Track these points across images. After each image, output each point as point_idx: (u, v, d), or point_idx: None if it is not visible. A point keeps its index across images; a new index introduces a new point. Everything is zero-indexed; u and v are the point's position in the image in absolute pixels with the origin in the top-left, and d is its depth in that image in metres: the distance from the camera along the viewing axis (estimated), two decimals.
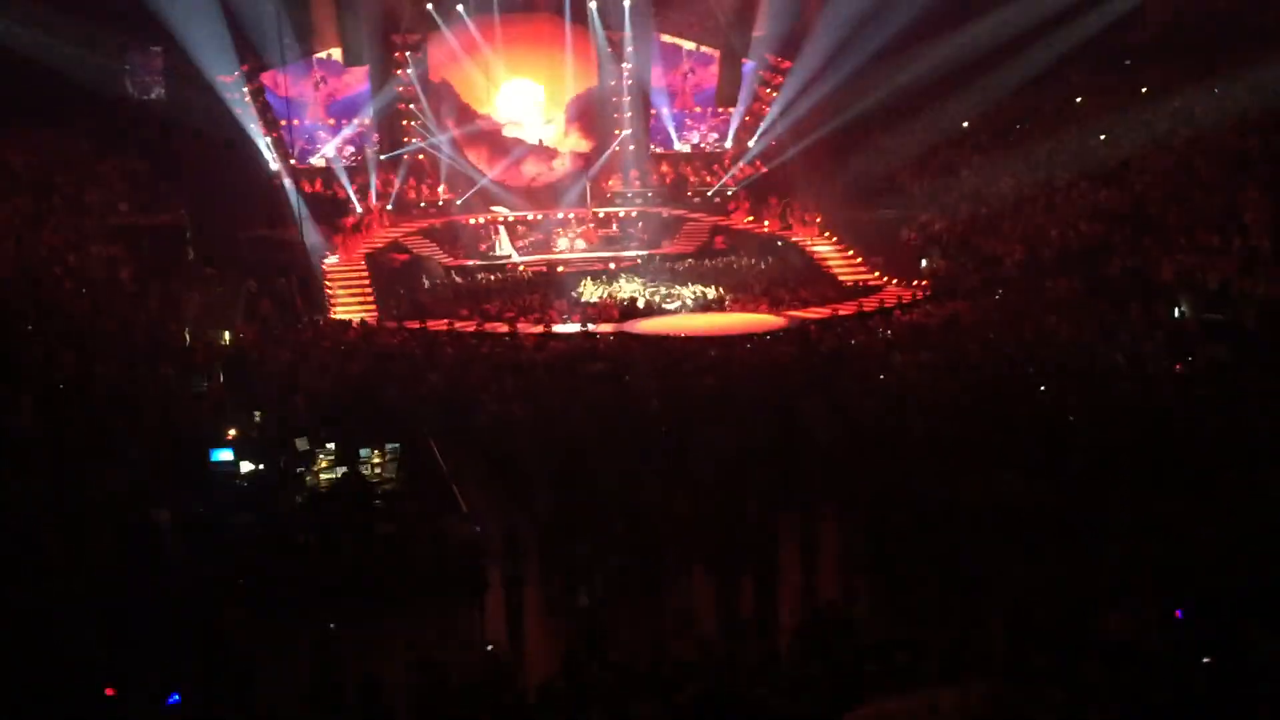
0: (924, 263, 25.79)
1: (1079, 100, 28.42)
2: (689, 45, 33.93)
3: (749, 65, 33.10)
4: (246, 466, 12.09)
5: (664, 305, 25.45)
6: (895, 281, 26.03)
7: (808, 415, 12.57)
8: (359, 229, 27.63)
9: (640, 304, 25.29)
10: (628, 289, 26.58)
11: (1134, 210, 22.89)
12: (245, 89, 28.11)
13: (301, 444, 12.53)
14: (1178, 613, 7.27)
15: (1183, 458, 9.92)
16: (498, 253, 29.31)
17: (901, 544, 9.92)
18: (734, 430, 12.03)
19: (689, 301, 25.40)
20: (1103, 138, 26.24)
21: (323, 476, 12.22)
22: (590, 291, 26.32)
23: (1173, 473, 9.65)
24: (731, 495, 10.64)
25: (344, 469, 12.17)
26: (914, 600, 9.44)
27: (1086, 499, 9.46)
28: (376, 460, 12.51)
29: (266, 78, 29.28)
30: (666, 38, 33.57)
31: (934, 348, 17.56)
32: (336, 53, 30.52)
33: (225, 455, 12.18)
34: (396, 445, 12.70)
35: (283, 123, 29.62)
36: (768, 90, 32.77)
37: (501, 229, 29.79)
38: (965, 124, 29.50)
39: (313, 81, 30.46)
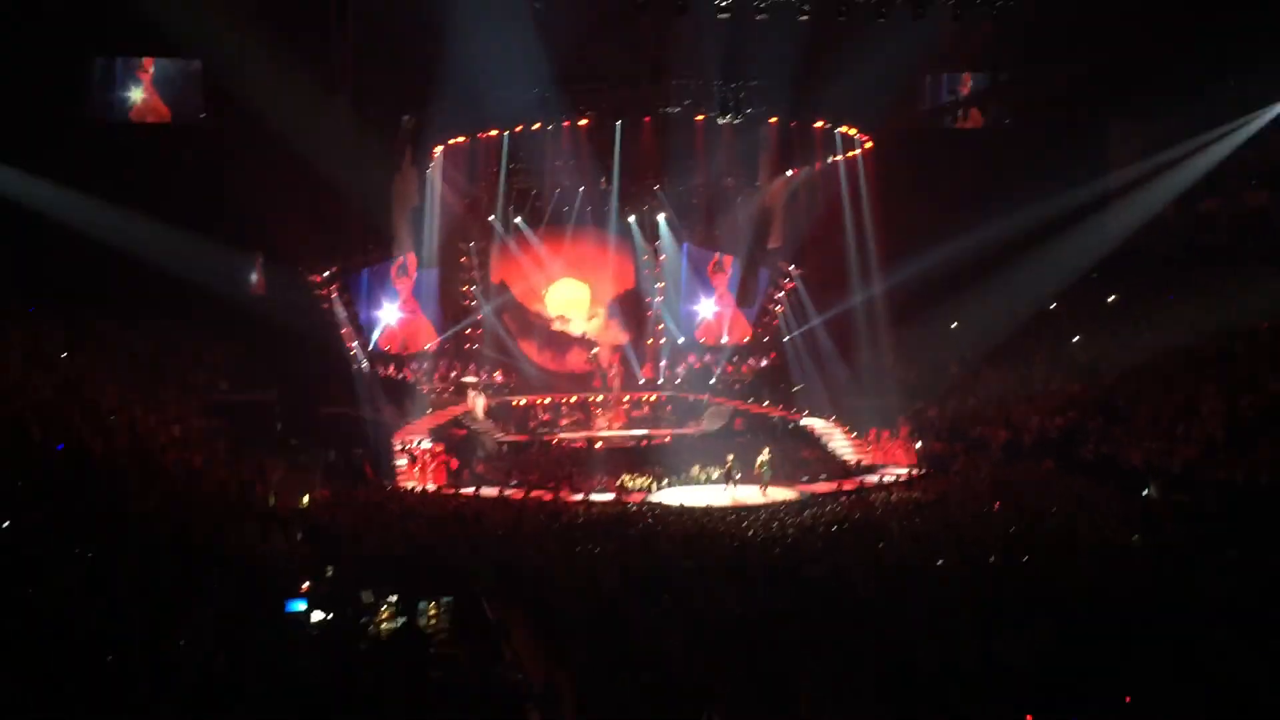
0: (919, 445, 25.76)
1: (1053, 306, 28.80)
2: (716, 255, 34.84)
3: (764, 272, 33.87)
4: (317, 616, 12.02)
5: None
6: (895, 461, 26.01)
7: (814, 579, 12.46)
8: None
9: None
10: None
11: (1105, 402, 22.94)
12: (332, 286, 28.96)
13: (367, 596, 12.48)
14: None
15: (1151, 624, 9.75)
16: (474, 421, 29.11)
17: (907, 698, 9.68)
18: (749, 590, 11.91)
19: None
20: (1075, 339, 26.51)
21: (384, 626, 12.12)
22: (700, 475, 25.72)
23: (1142, 637, 9.47)
24: (749, 649, 10.47)
25: (403, 620, 12.07)
26: None
27: (1068, 659, 9.28)
28: (432, 612, 12.41)
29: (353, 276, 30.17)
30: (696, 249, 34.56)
31: (928, 520, 17.44)
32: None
33: (299, 605, 12.13)
34: (449, 599, 12.62)
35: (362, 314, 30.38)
36: (780, 294, 33.42)
37: (479, 399, 29.75)
38: (954, 324, 29.88)
39: (394, 279, 31.35)
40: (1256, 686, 8.23)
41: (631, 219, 33.37)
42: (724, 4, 21.67)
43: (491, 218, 32.27)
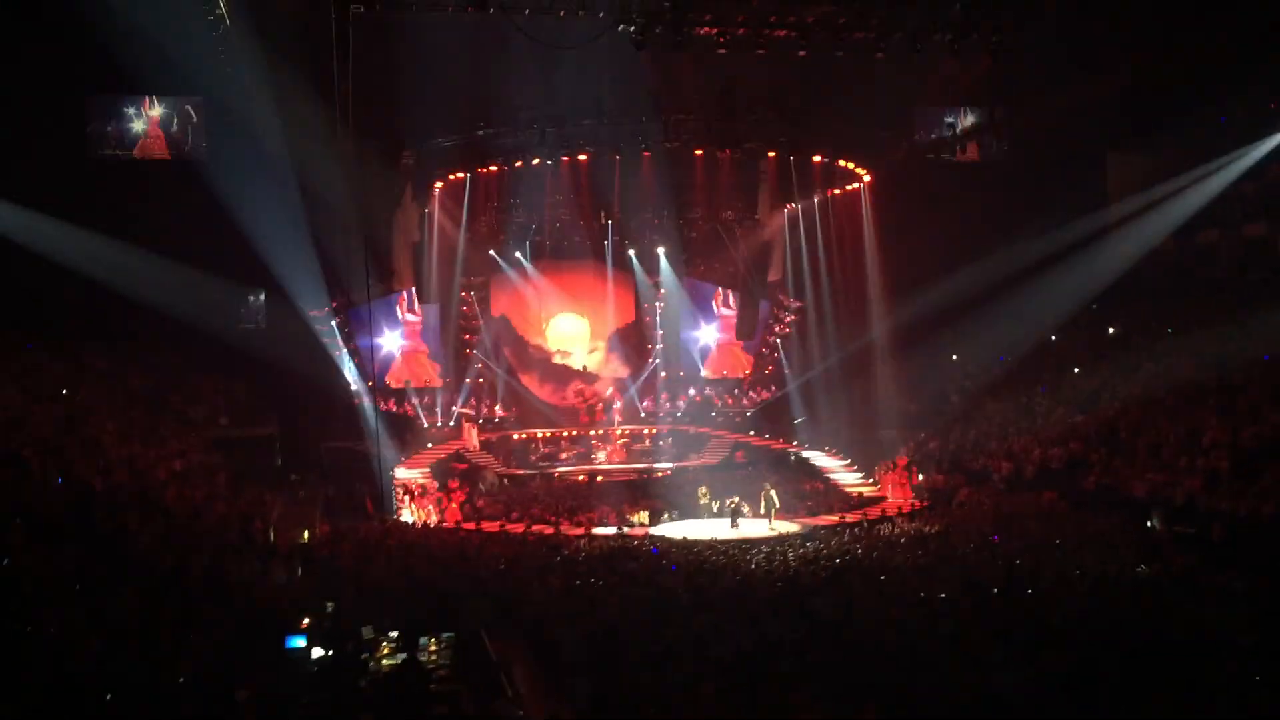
0: (919, 477, 25.69)
1: (1053, 338, 28.81)
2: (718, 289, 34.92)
3: (764, 304, 33.94)
4: (317, 652, 11.96)
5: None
6: (895, 494, 25.91)
7: (818, 612, 12.40)
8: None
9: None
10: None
11: (1108, 433, 22.91)
12: (334, 321, 29.02)
13: (367, 632, 12.42)
14: None
15: (1155, 656, 9.70)
16: (468, 448, 29.31)
17: None
18: (751, 623, 11.86)
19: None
20: (1076, 370, 26.52)
21: (385, 662, 12.05)
22: (705, 496, 25.33)
23: (1147, 668, 9.42)
24: (750, 681, 10.41)
25: (404, 656, 12.01)
26: None
27: (1072, 690, 9.23)
28: (433, 648, 12.35)
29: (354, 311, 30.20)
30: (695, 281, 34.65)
31: (930, 552, 17.37)
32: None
33: (299, 642, 12.06)
34: (451, 634, 12.57)
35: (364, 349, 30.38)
36: (779, 326, 33.48)
37: (473, 431, 29.89)
38: (954, 356, 29.89)
39: (393, 313, 31.39)
40: (1262, 717, 8.20)
41: (631, 252, 33.52)
42: (722, 40, 21.79)
43: (492, 252, 32.42)
